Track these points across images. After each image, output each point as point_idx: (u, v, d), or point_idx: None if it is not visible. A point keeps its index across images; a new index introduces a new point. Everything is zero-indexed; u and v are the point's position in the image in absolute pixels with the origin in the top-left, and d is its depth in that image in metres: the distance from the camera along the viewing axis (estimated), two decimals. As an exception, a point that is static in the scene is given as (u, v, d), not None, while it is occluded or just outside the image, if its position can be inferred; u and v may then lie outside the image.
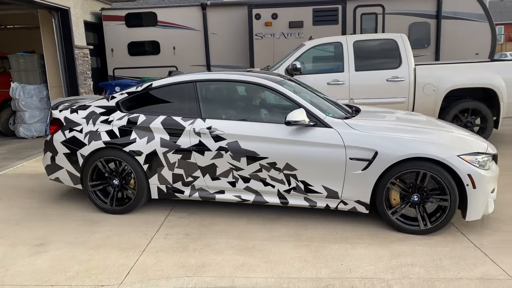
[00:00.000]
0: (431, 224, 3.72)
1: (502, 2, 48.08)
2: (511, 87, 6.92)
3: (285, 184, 4.01)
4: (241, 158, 4.03)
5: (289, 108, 4.06)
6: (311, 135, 3.90)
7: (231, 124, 4.10)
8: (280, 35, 10.30)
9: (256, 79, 4.21)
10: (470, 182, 3.58)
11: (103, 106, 4.50)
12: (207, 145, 4.10)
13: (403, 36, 7.35)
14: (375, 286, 2.96)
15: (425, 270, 3.15)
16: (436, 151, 3.62)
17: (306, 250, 3.53)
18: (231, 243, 3.70)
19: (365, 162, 3.74)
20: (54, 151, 4.55)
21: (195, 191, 4.28)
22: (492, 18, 10.38)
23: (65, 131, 4.50)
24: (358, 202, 3.89)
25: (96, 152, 4.36)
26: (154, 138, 4.23)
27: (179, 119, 4.23)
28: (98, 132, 4.35)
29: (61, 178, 4.63)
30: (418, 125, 4.02)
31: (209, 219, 4.27)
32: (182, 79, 4.38)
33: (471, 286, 2.92)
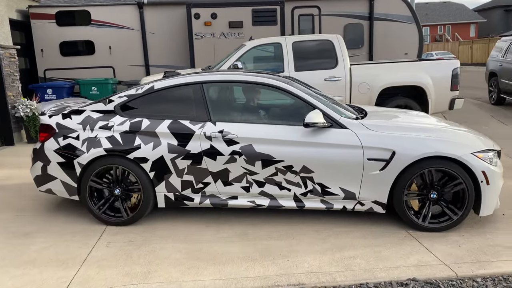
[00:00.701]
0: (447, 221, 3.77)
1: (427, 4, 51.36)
2: (437, 84, 7.43)
3: (301, 187, 3.92)
4: (255, 162, 3.88)
5: (301, 109, 3.98)
6: (328, 136, 3.84)
7: (244, 127, 3.94)
8: (220, 35, 10.28)
9: (266, 80, 4.10)
10: (484, 178, 3.66)
11: (99, 111, 4.21)
12: (219, 150, 3.92)
13: (338, 37, 7.63)
14: (320, 280, 3.06)
15: (366, 261, 3.30)
16: (452, 149, 3.67)
17: (253, 249, 3.57)
18: (177, 247, 3.65)
19: (383, 162, 3.74)
20: (46, 160, 4.18)
21: (205, 198, 4.07)
22: (419, 20, 11.07)
23: (58, 138, 4.15)
24: (375, 203, 3.87)
25: (95, 160, 4.05)
26: (160, 144, 3.99)
27: (187, 123, 4.01)
28: (98, 138, 4.05)
29: (54, 189, 4.26)
30: (428, 124, 4.06)
31: (153, 224, 4.18)
32: (187, 81, 4.17)
33: (407, 273, 3.10)
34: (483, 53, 30.65)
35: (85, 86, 9.85)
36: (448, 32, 49.03)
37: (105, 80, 9.83)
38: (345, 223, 4.04)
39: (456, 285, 2.97)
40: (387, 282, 3.02)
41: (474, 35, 48.93)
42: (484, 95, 13.05)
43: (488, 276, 3.06)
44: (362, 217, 4.16)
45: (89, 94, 9.79)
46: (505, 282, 2.99)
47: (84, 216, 4.39)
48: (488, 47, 30.26)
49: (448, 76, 7.45)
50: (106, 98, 4.29)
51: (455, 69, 7.49)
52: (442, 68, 7.51)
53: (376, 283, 3.01)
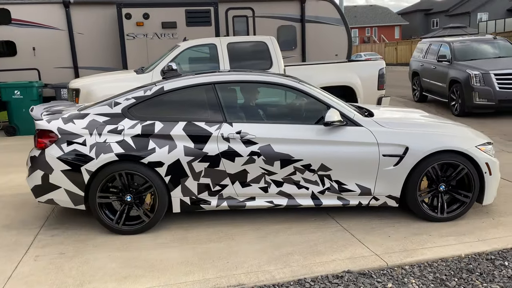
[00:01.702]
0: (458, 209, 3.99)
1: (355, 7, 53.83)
2: (365, 84, 7.82)
3: (319, 185, 3.95)
4: (274, 162, 3.87)
5: (315, 108, 4.04)
6: (345, 134, 3.91)
7: (261, 128, 3.91)
8: (153, 36, 10.05)
9: (280, 80, 4.11)
10: (487, 169, 3.95)
11: (105, 114, 3.97)
12: (237, 151, 3.85)
13: (272, 38, 7.78)
14: (259, 278, 3.10)
15: (304, 257, 3.40)
16: (460, 143, 3.90)
17: (192, 253, 3.53)
18: (113, 256, 3.51)
19: (397, 157, 3.88)
20: (48, 168, 3.85)
21: (223, 201, 3.98)
22: (347, 22, 11.58)
23: (61, 144, 3.86)
24: (389, 197, 3.99)
25: (106, 166, 3.80)
26: (176, 147, 3.85)
27: (202, 125, 3.92)
28: (107, 143, 3.82)
29: (56, 199, 3.94)
30: (429, 120, 4.27)
31: (87, 233, 3.99)
32: (199, 81, 4.08)
33: (342, 266, 3.23)
34: (407, 54, 32.71)
35: (7, 90, 9.17)
36: (375, 34, 51.77)
37: (29, 84, 9.21)
38: (284, 220, 4.13)
39: (387, 274, 3.14)
40: (323, 276, 3.12)
41: (398, 37, 52.09)
42: (409, 93, 13.94)
43: (415, 263, 3.28)
44: (298, 212, 4.27)
45: (11, 98, 9.14)
46: (430, 267, 3.21)
47: (8, 228, 4.09)
48: (411, 48, 32.34)
49: (375, 76, 7.87)
50: (111, 100, 4.07)
51: (381, 69, 7.93)
52: (369, 69, 7.92)
53: (314, 278, 3.11)
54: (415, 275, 3.11)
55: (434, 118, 4.52)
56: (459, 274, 3.11)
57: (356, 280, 3.07)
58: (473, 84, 9.53)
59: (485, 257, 3.33)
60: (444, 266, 3.22)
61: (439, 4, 53.91)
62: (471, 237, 3.64)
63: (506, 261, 3.26)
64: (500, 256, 3.33)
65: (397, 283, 3.02)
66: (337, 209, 4.34)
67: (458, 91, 9.98)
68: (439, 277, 3.07)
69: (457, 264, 3.24)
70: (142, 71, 7.54)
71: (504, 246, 3.46)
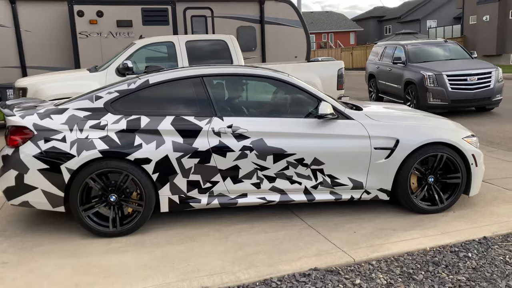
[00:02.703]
0: (446, 200, 4.02)
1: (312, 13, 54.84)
2: (325, 84, 7.84)
3: (312, 180, 3.86)
4: (267, 157, 3.74)
5: (306, 101, 3.98)
6: (337, 127, 3.86)
7: (253, 121, 3.79)
8: (108, 34, 9.64)
9: (268, 74, 4.02)
10: (474, 161, 4.00)
11: (86, 108, 3.71)
12: (229, 146, 3.70)
13: (232, 37, 7.65)
14: (223, 280, 2.92)
15: (269, 256, 3.26)
16: (448, 135, 3.94)
17: (150, 257, 3.30)
18: (61, 263, 3.22)
19: (388, 150, 3.86)
20: (22, 168, 3.53)
21: (213, 198, 3.79)
22: (306, 25, 11.65)
23: (38, 141, 3.55)
24: (380, 190, 3.95)
25: (88, 164, 3.52)
26: (164, 142, 3.64)
27: (192, 119, 3.74)
28: (90, 139, 3.56)
29: (32, 201, 3.62)
30: (416, 114, 4.30)
31: (32, 240, 3.66)
32: (186, 74, 3.92)
33: (309, 264, 3.12)
34: (362, 59, 33.62)
35: None
36: (331, 40, 52.91)
37: (-30, 83, 8.57)
38: (247, 219, 3.98)
39: (354, 270, 3.06)
40: (290, 275, 2.99)
41: (353, 43, 53.50)
42: (365, 95, 14.23)
43: (382, 258, 3.22)
44: (262, 210, 4.13)
45: (-50, 99, 8.45)
46: (397, 262, 3.16)
47: None
48: (366, 53, 33.26)
49: (334, 76, 7.92)
50: (92, 94, 3.78)
51: (340, 69, 7.99)
52: (328, 69, 7.96)
53: (280, 277, 2.97)
54: (382, 270, 3.05)
55: (418, 112, 4.56)
56: (426, 267, 3.07)
57: (323, 277, 2.96)
58: (427, 85, 9.81)
59: (449, 249, 3.32)
60: (410, 260, 3.18)
61: (391, 12, 55.90)
62: (434, 230, 3.64)
63: (469, 252, 3.27)
64: (463, 248, 3.33)
65: (365, 279, 2.94)
66: (301, 207, 4.24)
67: (413, 92, 10.25)
68: (406, 271, 3.02)
69: (422, 257, 3.21)
70: (95, 70, 7.18)
71: (466, 238, 3.47)
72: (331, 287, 2.85)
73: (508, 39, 25.94)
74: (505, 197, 4.35)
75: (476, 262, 3.12)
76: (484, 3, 27.16)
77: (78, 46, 9.50)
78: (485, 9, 27.24)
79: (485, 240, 3.44)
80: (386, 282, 2.89)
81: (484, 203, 4.22)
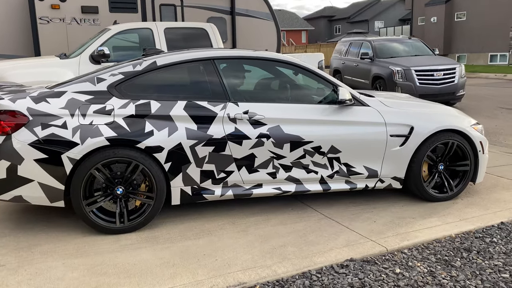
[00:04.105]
0: (456, 188, 4.02)
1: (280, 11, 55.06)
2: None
3: (328, 169, 3.72)
4: (284, 145, 3.57)
5: (320, 87, 3.85)
6: (354, 114, 3.76)
7: (269, 107, 3.60)
8: (71, 21, 8.96)
9: (282, 58, 3.84)
10: (481, 148, 4.02)
11: (87, 92, 3.36)
12: (245, 133, 3.49)
13: (212, 26, 7.39)
14: (260, 275, 2.72)
15: (298, 248, 3.09)
16: (459, 122, 3.96)
17: (169, 253, 3.02)
18: (71, 264, 2.87)
19: (403, 138, 3.80)
20: (15, 158, 3.13)
21: (227, 189, 3.56)
22: (276, 18, 11.54)
23: (34, 128, 3.16)
24: (394, 179, 3.88)
25: (92, 153, 3.17)
26: (177, 129, 3.37)
27: (205, 104, 3.48)
28: (94, 125, 3.22)
29: (26, 195, 3.21)
30: (424, 102, 4.29)
31: (26, 239, 3.25)
32: (196, 56, 3.65)
33: (343, 255, 2.99)
34: (317, 56, 34.14)
35: None
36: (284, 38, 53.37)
37: None
38: (260, 211, 3.78)
39: (390, 259, 2.97)
40: (328, 267, 2.84)
41: (305, 41, 54.33)
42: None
43: (412, 246, 3.15)
44: (273, 201, 3.95)
45: None
46: (428, 249, 3.11)
47: None
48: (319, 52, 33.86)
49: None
50: (92, 76, 3.41)
51: (320, 61, 7.98)
52: (308, 61, 7.89)
53: (318, 269, 2.81)
54: (417, 258, 2.97)
55: (421, 100, 4.54)
56: (459, 253, 3.04)
57: (362, 268, 2.83)
58: (396, 80, 10.05)
59: (473, 235, 3.32)
60: (440, 247, 3.14)
61: (341, 12, 57.43)
62: (452, 217, 3.64)
63: (494, 237, 3.28)
64: (486, 234, 3.34)
65: (404, 268, 2.85)
66: (312, 197, 4.10)
67: (381, 87, 10.46)
68: (442, 258, 2.97)
69: (451, 244, 3.18)
70: (66, 57, 6.63)
71: (485, 224, 3.49)
72: (374, 277, 2.73)
73: (454, 40, 27.42)
74: (503, 184, 4.47)
75: (504, 247, 3.13)
76: (432, 5, 28.52)
77: (39, 32, 8.76)
78: (432, 10, 28.62)
79: (504, 225, 3.48)
80: (427, 270, 2.82)
81: (486, 190, 4.30)
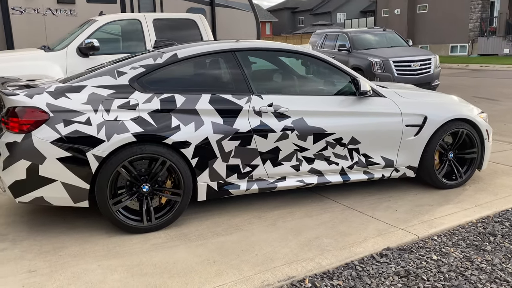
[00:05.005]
0: (464, 175, 4.15)
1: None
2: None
3: (348, 160, 3.78)
4: (307, 137, 3.59)
5: (339, 79, 3.87)
6: (373, 105, 3.81)
7: (293, 100, 3.60)
8: (47, 11, 8.52)
9: (303, 50, 3.82)
10: (487, 136, 4.18)
11: (109, 86, 3.23)
12: (270, 126, 3.47)
13: (201, 16, 7.25)
14: (306, 268, 2.71)
15: (334, 240, 3.11)
16: (468, 111, 4.08)
17: (205, 251, 2.96)
18: (107, 266, 2.75)
19: (417, 127, 3.89)
20: (37, 157, 2.97)
21: (253, 183, 3.53)
22: (255, 9, 11.46)
23: (56, 125, 3.01)
24: (408, 168, 3.98)
25: (118, 150, 3.06)
26: (203, 123, 3.31)
27: (229, 97, 3.43)
28: (120, 121, 3.11)
29: (48, 197, 3.06)
30: (428, 92, 4.40)
31: (49, 242, 3.09)
32: (217, 48, 3.59)
33: (379, 244, 3.03)
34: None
35: None
36: (248, 29, 53.13)
37: None
38: (280, 204, 3.77)
39: (423, 247, 3.04)
40: (368, 256, 2.88)
41: (269, 33, 54.36)
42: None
43: (440, 233, 3.24)
44: (290, 194, 3.95)
45: None
46: (455, 235, 3.21)
47: None
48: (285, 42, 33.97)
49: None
50: (110, 69, 3.33)
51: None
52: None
53: (359, 259, 2.85)
54: (449, 244, 3.07)
55: (425, 90, 4.64)
56: (486, 238, 3.16)
57: (400, 256, 2.89)
58: (374, 71, 10.26)
59: (492, 220, 3.47)
60: (466, 232, 3.25)
61: (304, 3, 57.84)
62: (467, 203, 3.77)
63: (512, 221, 3.44)
64: (504, 218, 3.49)
65: (440, 254, 2.93)
66: (326, 189, 4.14)
67: (361, 78, 10.66)
68: (472, 244, 3.08)
69: (475, 229, 3.31)
70: (50, 49, 6.31)
71: (500, 209, 3.64)
72: (415, 265, 2.80)
73: (417, 31, 28.30)
74: (502, 170, 4.68)
75: (524, 230, 3.29)
76: (395, -2, 29.21)
77: (11, 23, 8.27)
78: (396, 2, 29.36)
79: (517, 209, 3.65)
80: (462, 256, 2.92)
81: (488, 177, 4.49)
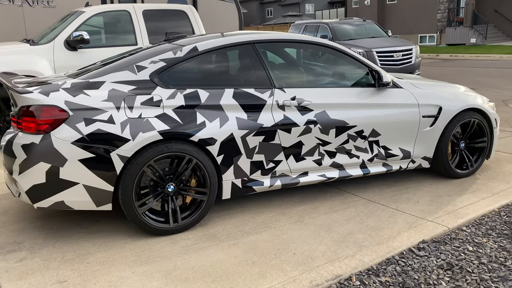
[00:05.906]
0: (475, 164, 4.22)
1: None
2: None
3: (368, 153, 3.74)
4: (330, 131, 3.52)
5: (358, 71, 3.82)
6: (392, 96, 3.80)
7: (314, 92, 3.52)
8: (23, 2, 8.05)
9: (323, 41, 3.74)
10: (496, 125, 4.25)
11: (129, 81, 3.05)
12: (294, 120, 3.39)
13: (191, 7, 7.05)
14: (350, 265, 2.65)
15: (368, 235, 3.07)
16: (479, 101, 4.14)
17: (241, 251, 2.86)
18: (142, 272, 2.60)
19: (432, 118, 3.91)
20: (57, 159, 2.77)
21: (276, 179, 3.44)
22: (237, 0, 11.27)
23: (77, 124, 2.81)
24: (424, 158, 3.99)
25: (144, 149, 2.89)
26: (228, 119, 3.19)
27: (252, 91, 3.31)
28: (144, 118, 2.94)
29: (69, 201, 2.87)
30: (438, 82, 4.42)
31: (71, 248, 2.89)
32: (236, 40, 3.45)
33: (414, 237, 3.01)
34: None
35: None
36: (217, 20, 52.58)
37: None
38: (302, 200, 3.69)
39: (456, 238, 3.05)
40: (407, 250, 2.86)
41: (239, 24, 53.92)
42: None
43: (468, 223, 3.26)
44: (307, 189, 3.88)
45: None
46: (482, 225, 3.24)
47: None
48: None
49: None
50: (131, 64, 3.14)
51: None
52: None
53: (399, 254, 2.82)
54: (479, 234, 3.09)
55: (432, 80, 4.68)
56: (513, 227, 3.21)
57: (437, 248, 2.89)
58: (359, 62, 10.31)
59: (513, 208, 3.53)
60: (492, 222, 3.29)
61: (273, -6, 57.65)
62: (484, 193, 3.82)
63: (531, 209, 3.51)
64: (523, 206, 3.57)
65: (474, 245, 2.95)
66: (342, 183, 4.10)
67: (346, 69, 10.70)
68: (502, 233, 3.11)
69: (499, 218, 3.35)
70: (35, 43, 5.95)
71: (517, 197, 3.72)
72: (454, 257, 2.80)
73: (387, 22, 28.73)
74: (505, 158, 4.78)
75: (546, 217, 3.36)
76: (365, -11, 29.50)
77: (-16, 15, 7.76)
78: (366, -6, 29.62)
79: (533, 197, 3.73)
80: (496, 245, 2.94)
81: (494, 165, 4.58)
